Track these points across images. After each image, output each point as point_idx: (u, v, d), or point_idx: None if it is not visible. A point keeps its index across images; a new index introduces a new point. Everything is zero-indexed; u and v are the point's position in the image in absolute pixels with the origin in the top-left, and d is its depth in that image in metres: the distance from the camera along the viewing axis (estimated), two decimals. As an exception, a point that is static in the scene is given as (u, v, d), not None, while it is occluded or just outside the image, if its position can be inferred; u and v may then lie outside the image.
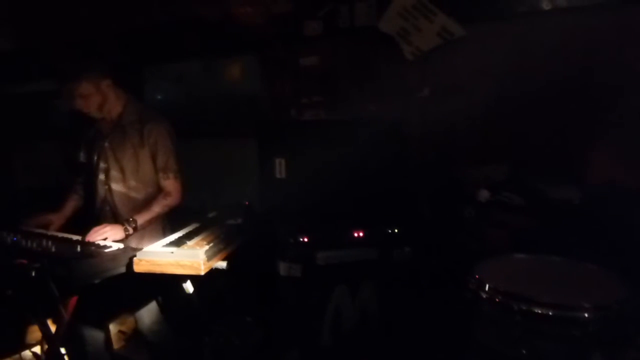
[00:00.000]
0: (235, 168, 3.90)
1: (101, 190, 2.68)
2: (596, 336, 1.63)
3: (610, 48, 2.80)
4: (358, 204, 2.75)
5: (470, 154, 3.11)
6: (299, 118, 3.64)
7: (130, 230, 2.47)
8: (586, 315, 1.64)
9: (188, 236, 2.29)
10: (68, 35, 4.29)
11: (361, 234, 2.74)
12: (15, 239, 2.25)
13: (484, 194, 2.72)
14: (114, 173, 2.64)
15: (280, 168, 2.87)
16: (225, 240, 2.28)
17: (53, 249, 2.14)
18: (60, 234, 2.50)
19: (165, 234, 2.65)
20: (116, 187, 2.65)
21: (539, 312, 1.67)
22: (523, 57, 2.97)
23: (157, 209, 2.58)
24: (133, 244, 2.49)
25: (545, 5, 2.97)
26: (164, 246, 2.14)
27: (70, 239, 2.37)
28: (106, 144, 2.65)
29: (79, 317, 2.20)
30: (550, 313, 1.66)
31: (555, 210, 2.59)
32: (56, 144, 4.37)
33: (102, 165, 2.66)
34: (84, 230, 2.44)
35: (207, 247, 2.09)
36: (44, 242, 2.18)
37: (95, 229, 2.42)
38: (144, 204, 2.60)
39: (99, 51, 4.12)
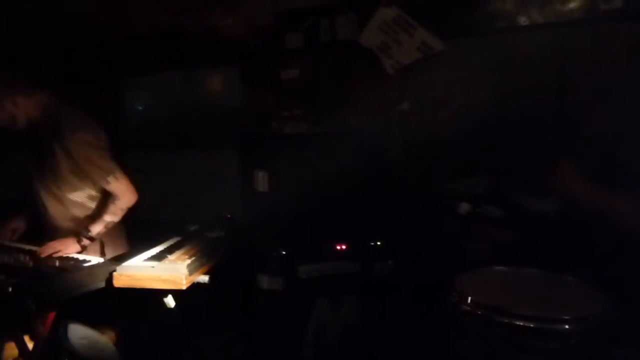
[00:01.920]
0: (216, 181, 3.88)
1: (37, 201, 2.54)
2: (577, 349, 1.65)
3: (585, 63, 2.87)
4: (340, 217, 2.75)
5: (450, 167, 3.15)
6: (280, 131, 3.65)
7: (86, 242, 2.37)
8: (567, 327, 1.66)
9: (169, 250, 2.26)
10: (48, 42, 4.24)
11: (343, 247, 2.74)
12: (-9, 254, 2.20)
13: (464, 207, 2.74)
14: (41, 188, 2.50)
15: (261, 181, 2.87)
16: (206, 254, 2.25)
17: (30, 264, 2.10)
18: (26, 247, 2.40)
19: (129, 239, 2.62)
20: (48, 202, 2.50)
21: (520, 324, 1.68)
22: (501, 71, 3.04)
23: (107, 216, 2.42)
24: (96, 253, 2.42)
25: (523, 22, 3.04)
26: (144, 260, 2.12)
27: (36, 253, 2.30)
28: (31, 155, 2.52)
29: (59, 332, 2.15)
30: (532, 325, 1.67)
31: (534, 222, 2.63)
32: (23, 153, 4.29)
33: (32, 177, 2.53)
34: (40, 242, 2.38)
35: (188, 261, 2.07)
36: (22, 257, 2.14)
37: (48, 245, 2.33)
38: (83, 216, 2.49)
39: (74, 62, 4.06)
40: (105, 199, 2.49)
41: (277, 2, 3.60)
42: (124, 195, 2.45)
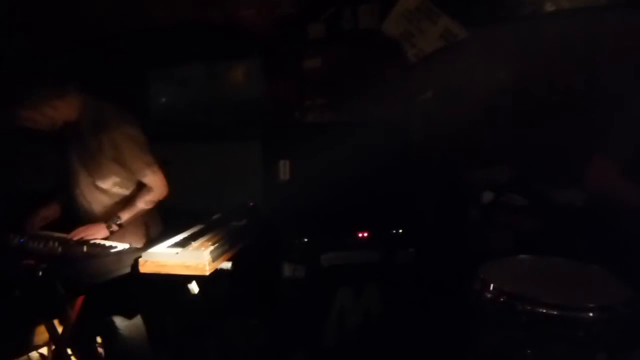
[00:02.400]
0: (239, 170, 3.91)
1: (74, 193, 2.63)
2: (600, 337, 1.63)
3: (613, 51, 2.80)
4: (362, 206, 2.75)
5: (473, 156, 3.12)
6: (303, 120, 3.65)
7: (115, 227, 2.46)
8: (590, 315, 1.64)
9: (193, 237, 2.30)
10: (72, 35, 4.31)
11: (365, 236, 2.75)
12: (22, 240, 2.26)
13: (487, 196, 2.72)
14: (83, 177, 2.58)
15: (284, 170, 2.88)
16: (229, 242, 2.28)
17: (59, 250, 2.15)
18: (56, 234, 2.48)
19: (148, 230, 2.67)
20: (87, 190, 2.59)
21: (543, 312, 1.67)
22: (526, 59, 2.98)
23: (140, 204, 2.53)
24: (140, 237, 2.51)
25: (549, 7, 2.97)
26: (169, 247, 2.15)
27: (65, 239, 2.36)
28: (71, 150, 2.60)
29: (87, 317, 2.21)
30: (555, 313, 1.66)
31: (558, 212, 2.59)
32: (58, 146, 4.38)
33: (70, 169, 2.61)
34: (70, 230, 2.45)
35: (212, 247, 2.10)
36: (51, 244, 2.20)
37: (79, 229, 2.42)
38: (124, 203, 2.56)
39: (46, 68, 4.10)
40: (138, 189, 2.59)
41: (299, -9, 3.60)
42: (158, 187, 2.57)
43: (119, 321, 2.48)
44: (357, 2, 3.44)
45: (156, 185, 2.57)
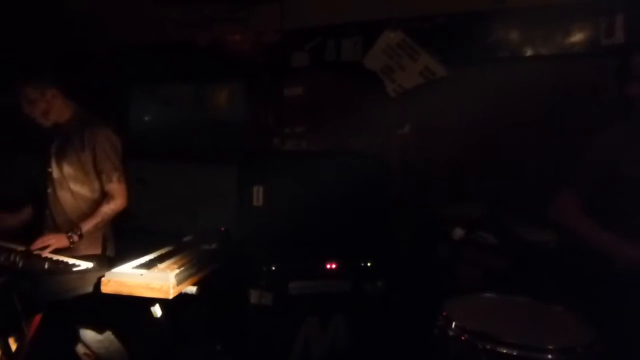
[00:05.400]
0: (215, 193, 3.89)
1: (45, 194, 2.69)
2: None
3: (585, 94, 2.89)
4: (333, 236, 2.75)
5: (446, 191, 3.15)
6: (281, 147, 3.67)
7: (75, 238, 2.47)
8: (550, 357, 1.64)
9: (160, 259, 2.27)
10: (57, 50, 4.30)
11: (334, 266, 2.74)
12: (-19, 252, 2.21)
13: (458, 232, 2.73)
14: (57, 178, 2.65)
15: (257, 195, 2.88)
16: (197, 265, 2.25)
17: (20, 264, 2.10)
18: (13, 245, 2.44)
19: (106, 242, 2.68)
20: (59, 191, 2.65)
21: (504, 352, 1.67)
22: (501, 99, 3.05)
23: (99, 215, 2.57)
24: (98, 249, 2.54)
25: (525, 52, 3.07)
26: (134, 267, 2.12)
27: (24, 251, 2.33)
28: (52, 150, 2.68)
29: (44, 336, 2.15)
30: (515, 353, 1.66)
31: (528, 251, 2.62)
32: (33, 157, 4.33)
33: (48, 170, 2.68)
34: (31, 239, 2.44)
35: (177, 270, 2.07)
36: (12, 257, 2.15)
37: (39, 239, 2.42)
38: (88, 211, 2.61)
39: (51, 64, 4.12)
40: (100, 201, 2.63)
41: (285, 21, 3.65)
42: (119, 197, 2.61)
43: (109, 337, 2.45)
44: (340, 35, 3.50)
45: (118, 194, 2.61)
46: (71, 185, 2.63)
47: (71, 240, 2.45)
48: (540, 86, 3.00)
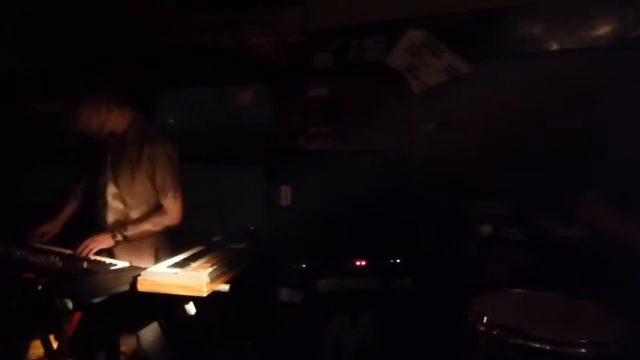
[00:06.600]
0: (242, 194, 3.94)
1: (99, 203, 2.70)
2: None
3: (613, 90, 2.85)
4: (361, 234, 2.78)
5: (473, 189, 3.15)
6: (307, 147, 3.70)
7: (120, 237, 2.49)
8: (582, 351, 1.65)
9: (192, 258, 2.32)
10: (83, 58, 4.39)
11: (363, 264, 2.77)
12: (24, 253, 2.29)
13: (486, 229, 2.74)
14: (111, 188, 2.66)
15: (285, 195, 2.92)
16: (228, 264, 2.30)
17: (60, 265, 2.18)
18: (57, 249, 2.52)
19: (158, 254, 2.68)
20: (111, 201, 2.66)
21: (535, 346, 1.68)
22: (528, 95, 3.03)
23: (149, 223, 2.58)
24: (123, 258, 2.51)
25: (551, 47, 3.05)
26: (168, 267, 2.17)
27: (66, 254, 2.39)
28: (107, 159, 2.68)
29: (83, 334, 2.22)
30: (547, 348, 1.67)
31: (556, 246, 2.60)
32: (64, 162, 4.43)
33: (101, 179, 2.69)
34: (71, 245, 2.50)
35: (210, 269, 2.11)
36: (52, 258, 2.22)
37: (85, 242, 2.46)
38: (138, 217, 2.63)
39: (111, 76, 4.21)
40: (154, 210, 2.65)
41: (308, 22, 3.68)
42: (173, 213, 2.63)
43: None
44: (363, 34, 3.52)
45: (172, 210, 2.62)
46: (123, 197, 2.64)
47: (116, 239, 2.48)
48: (567, 82, 2.97)
